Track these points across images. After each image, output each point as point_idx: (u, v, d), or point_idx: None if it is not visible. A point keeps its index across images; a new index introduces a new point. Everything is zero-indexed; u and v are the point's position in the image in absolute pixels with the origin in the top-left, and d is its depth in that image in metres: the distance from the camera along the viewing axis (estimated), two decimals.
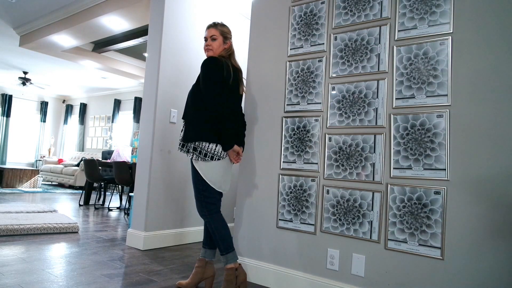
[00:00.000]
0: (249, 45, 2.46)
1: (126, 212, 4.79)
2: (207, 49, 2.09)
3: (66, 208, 4.94)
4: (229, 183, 2.07)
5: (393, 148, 1.81)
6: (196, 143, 1.93)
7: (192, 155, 1.93)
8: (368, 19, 1.95)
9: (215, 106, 1.88)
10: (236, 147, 1.98)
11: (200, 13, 3.38)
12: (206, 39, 2.10)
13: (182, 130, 2.03)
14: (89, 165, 5.22)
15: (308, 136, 2.10)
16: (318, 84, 2.10)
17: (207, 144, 1.92)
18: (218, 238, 1.93)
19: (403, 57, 1.82)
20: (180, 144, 2.01)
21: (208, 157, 1.91)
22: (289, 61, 2.24)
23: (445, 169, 1.66)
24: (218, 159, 1.94)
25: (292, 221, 2.11)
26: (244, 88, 2.18)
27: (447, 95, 1.69)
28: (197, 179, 1.96)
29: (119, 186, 5.79)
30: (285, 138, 2.20)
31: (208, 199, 1.96)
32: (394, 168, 1.80)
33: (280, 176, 2.19)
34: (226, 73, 1.97)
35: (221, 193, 2.04)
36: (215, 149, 1.93)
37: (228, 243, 1.94)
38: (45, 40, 5.44)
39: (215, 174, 1.95)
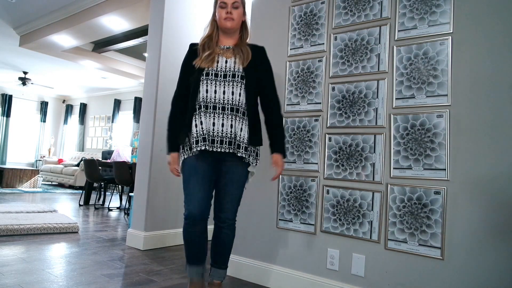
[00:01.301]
0: None
1: (126, 212, 4.79)
2: (227, 18, 1.67)
3: (66, 208, 4.94)
4: None
5: (393, 148, 1.81)
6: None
7: (255, 162, 1.73)
8: (368, 19, 1.95)
9: None
10: None
11: (200, 13, 3.38)
12: (224, 4, 1.67)
13: (220, 124, 1.64)
14: (89, 165, 5.22)
15: (308, 136, 2.10)
16: (318, 84, 2.10)
17: None
18: (230, 249, 1.83)
19: (403, 57, 1.82)
20: (238, 144, 1.64)
21: None
22: (289, 61, 2.24)
23: (445, 169, 1.66)
24: None
25: (292, 221, 2.11)
26: None
27: (447, 95, 1.69)
28: (244, 186, 1.79)
29: (119, 186, 5.79)
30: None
31: None
32: (394, 168, 1.80)
33: (280, 176, 2.19)
34: None
35: None
36: None
37: None
38: (45, 40, 5.44)
39: None
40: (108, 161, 5.53)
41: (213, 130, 1.63)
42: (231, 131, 1.64)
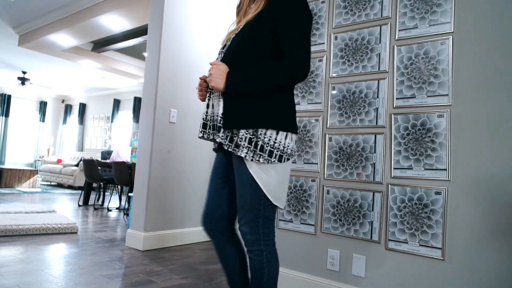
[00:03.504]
0: None
1: (125, 212, 4.78)
2: None
3: (65, 208, 4.93)
4: None
5: (394, 148, 1.80)
6: None
7: (248, 155, 1.31)
8: (369, 18, 1.95)
9: None
10: None
11: (200, 12, 3.37)
12: None
13: None
14: (89, 165, 5.21)
15: (308, 136, 2.09)
16: (318, 84, 2.09)
17: None
18: (266, 281, 1.26)
19: (403, 57, 1.82)
20: None
21: None
22: None
23: (446, 169, 1.65)
24: None
25: (292, 222, 2.10)
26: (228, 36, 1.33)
27: (448, 94, 1.68)
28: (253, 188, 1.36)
29: (119, 186, 5.78)
30: None
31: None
32: (394, 168, 1.79)
33: None
34: None
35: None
36: None
37: None
38: (44, 39, 5.43)
39: None
40: (108, 161, 5.52)
41: (206, 113, 1.30)
42: (212, 112, 1.26)
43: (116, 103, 9.10)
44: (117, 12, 4.27)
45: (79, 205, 5.27)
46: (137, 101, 8.40)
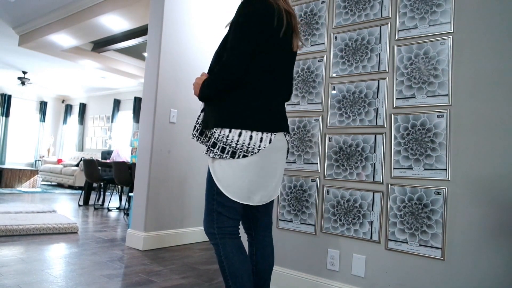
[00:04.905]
0: None
1: (125, 212, 4.79)
2: None
3: (65, 208, 4.93)
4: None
5: (394, 148, 1.80)
6: None
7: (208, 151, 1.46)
8: (369, 18, 1.95)
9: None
10: None
11: (200, 12, 3.37)
12: None
13: None
14: (89, 165, 5.21)
15: (308, 136, 2.10)
16: (318, 84, 2.09)
17: None
18: (228, 274, 1.27)
19: (403, 57, 1.82)
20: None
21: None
22: None
23: (445, 169, 1.65)
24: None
25: (292, 222, 2.10)
26: (299, 44, 1.42)
27: (447, 95, 1.68)
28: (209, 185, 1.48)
29: (119, 186, 5.79)
30: None
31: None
32: (394, 168, 1.79)
33: None
34: (277, 21, 1.26)
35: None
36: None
37: (241, 285, 1.26)
38: (44, 39, 5.43)
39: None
40: (108, 161, 5.52)
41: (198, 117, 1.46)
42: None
43: (116, 103, 9.10)
44: (117, 12, 4.27)
45: (79, 205, 5.27)
46: (137, 101, 8.40)
